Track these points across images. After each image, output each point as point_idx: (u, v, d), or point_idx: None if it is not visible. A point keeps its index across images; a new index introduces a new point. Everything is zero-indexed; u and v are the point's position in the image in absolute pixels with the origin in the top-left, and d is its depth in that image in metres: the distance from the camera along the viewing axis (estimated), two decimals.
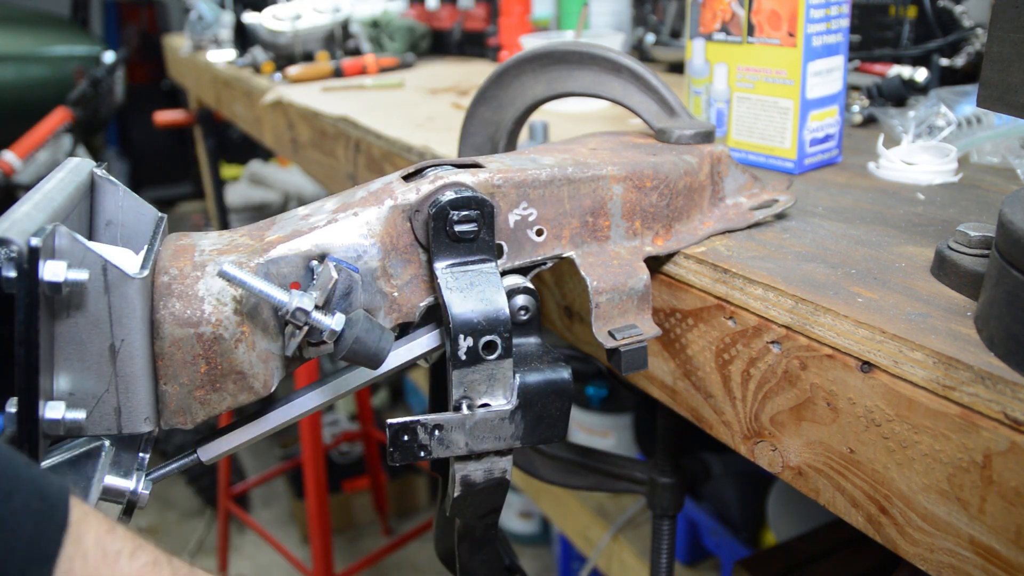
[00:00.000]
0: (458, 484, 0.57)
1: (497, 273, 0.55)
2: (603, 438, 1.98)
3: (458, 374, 0.53)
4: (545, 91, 0.75)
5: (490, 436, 0.55)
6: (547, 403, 0.55)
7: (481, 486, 0.58)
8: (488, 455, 0.56)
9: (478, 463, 0.57)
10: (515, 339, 0.57)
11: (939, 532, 0.46)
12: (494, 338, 0.53)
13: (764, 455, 0.58)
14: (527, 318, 0.58)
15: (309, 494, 1.97)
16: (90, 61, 3.73)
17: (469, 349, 0.52)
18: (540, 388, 0.55)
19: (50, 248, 0.42)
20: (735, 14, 0.83)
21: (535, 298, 0.58)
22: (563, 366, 0.56)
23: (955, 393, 0.44)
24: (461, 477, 0.57)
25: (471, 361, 0.53)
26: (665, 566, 1.03)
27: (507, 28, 1.65)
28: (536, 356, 0.57)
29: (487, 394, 0.54)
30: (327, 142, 1.33)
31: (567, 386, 0.56)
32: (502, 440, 0.55)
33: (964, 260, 0.53)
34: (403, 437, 0.53)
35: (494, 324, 0.53)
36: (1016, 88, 0.53)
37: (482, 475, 0.57)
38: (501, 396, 0.55)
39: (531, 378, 0.55)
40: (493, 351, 0.53)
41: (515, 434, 0.55)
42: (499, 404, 0.54)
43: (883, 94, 1.06)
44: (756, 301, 0.56)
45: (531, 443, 0.56)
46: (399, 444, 0.53)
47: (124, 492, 0.50)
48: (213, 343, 0.50)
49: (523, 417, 0.55)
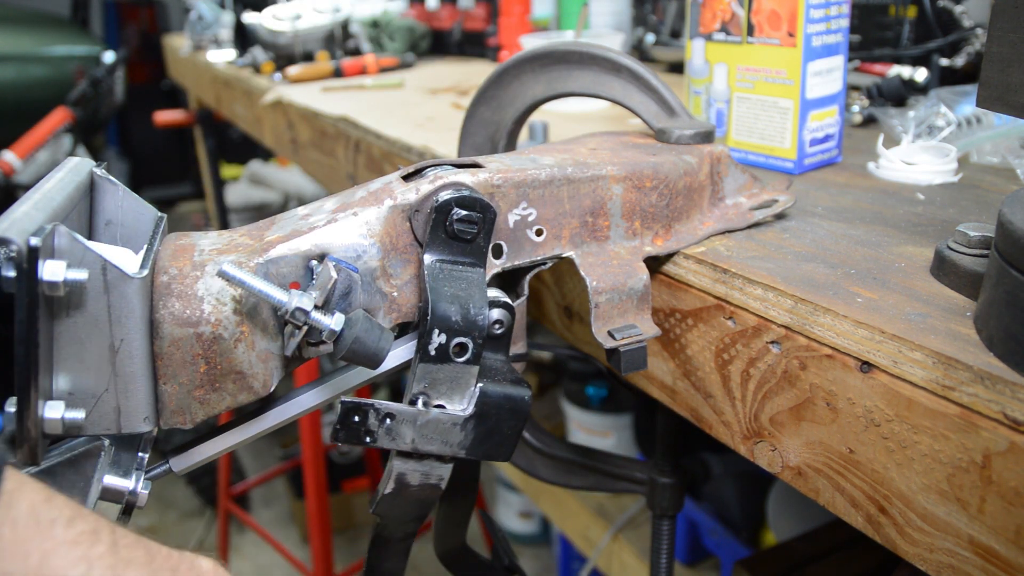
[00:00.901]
0: (392, 481, 0.56)
1: (484, 281, 0.55)
2: (603, 438, 1.98)
3: (423, 368, 0.52)
4: (545, 91, 0.75)
5: (438, 439, 0.54)
6: (501, 419, 0.55)
7: (414, 489, 0.56)
8: (430, 458, 0.55)
9: (418, 464, 0.56)
10: (484, 352, 0.56)
11: (938, 532, 0.46)
12: (467, 341, 0.52)
13: (764, 455, 0.58)
14: (500, 332, 0.57)
15: (309, 494, 1.97)
16: (90, 61, 3.73)
17: (440, 346, 0.52)
18: (498, 402, 0.54)
19: (50, 248, 0.42)
20: (735, 14, 0.83)
21: (512, 315, 0.57)
22: (525, 387, 0.55)
23: (954, 393, 0.44)
24: (397, 474, 0.56)
25: (439, 359, 0.52)
26: (665, 566, 1.03)
27: (507, 28, 1.65)
28: (500, 372, 0.56)
29: (446, 396, 0.53)
30: (327, 142, 1.33)
31: (525, 407, 0.55)
32: (448, 446, 0.54)
33: (964, 260, 0.53)
34: (353, 418, 0.52)
35: (470, 327, 0.52)
36: (1016, 88, 0.53)
37: (419, 477, 0.56)
38: (459, 401, 0.54)
39: (492, 390, 0.54)
40: (463, 354, 0.52)
41: (463, 443, 0.54)
42: (455, 408, 0.54)
43: (883, 94, 1.06)
44: (756, 301, 0.56)
45: (476, 456, 0.55)
46: (347, 424, 0.52)
47: (123, 492, 0.51)
48: (212, 343, 0.50)
49: (475, 427, 0.54)
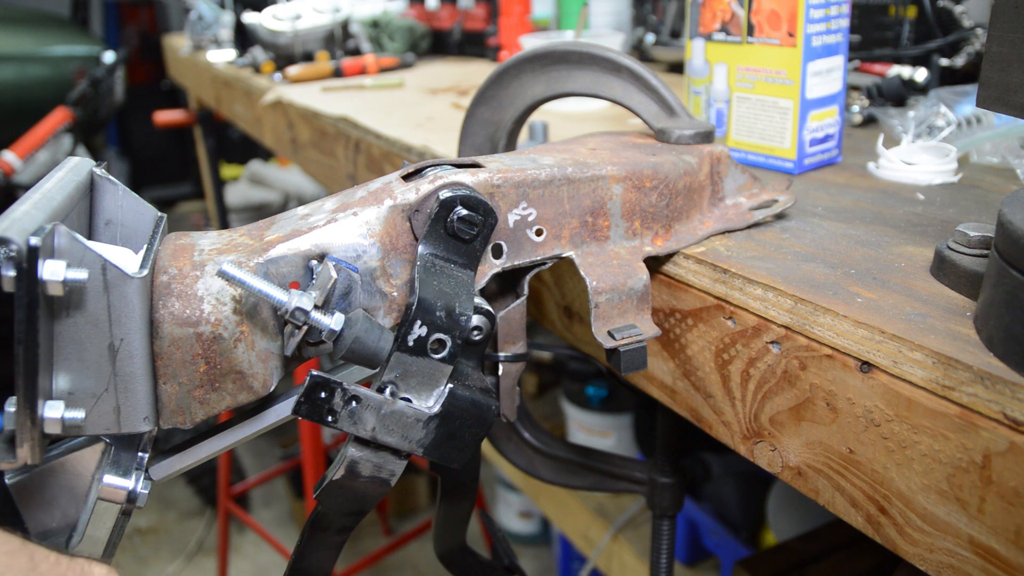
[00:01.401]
0: (343, 467, 0.55)
1: (473, 283, 0.55)
2: (603, 438, 1.98)
3: (398, 357, 0.52)
4: (545, 91, 0.75)
5: (398, 432, 0.53)
6: (465, 424, 0.54)
7: (364, 480, 0.56)
8: (386, 451, 0.55)
9: (373, 454, 0.55)
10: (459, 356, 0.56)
11: (938, 532, 0.46)
12: (446, 338, 0.52)
13: (764, 455, 0.57)
14: (478, 339, 0.57)
15: (309, 494, 1.97)
16: (90, 61, 3.73)
17: (420, 338, 0.51)
18: (465, 406, 0.54)
19: (49, 247, 0.42)
20: (735, 14, 0.83)
21: (492, 324, 0.57)
22: (493, 397, 0.55)
23: (954, 393, 0.44)
24: (350, 461, 0.55)
25: (416, 351, 0.52)
26: (665, 566, 1.03)
27: (507, 28, 1.65)
28: (471, 379, 0.56)
29: (415, 390, 0.53)
30: (327, 142, 1.33)
31: (490, 416, 0.55)
32: (407, 441, 0.54)
33: (963, 260, 0.53)
34: (319, 393, 0.51)
35: (452, 326, 0.52)
36: (1016, 88, 0.53)
37: (370, 468, 0.55)
38: (427, 398, 0.54)
39: (461, 393, 0.54)
40: (440, 350, 0.52)
41: (422, 440, 0.54)
42: (421, 404, 0.53)
43: (883, 94, 1.06)
44: (756, 301, 0.56)
45: (432, 457, 0.55)
46: (312, 399, 0.51)
47: (123, 491, 0.51)
48: (212, 342, 0.50)
49: (437, 427, 0.54)
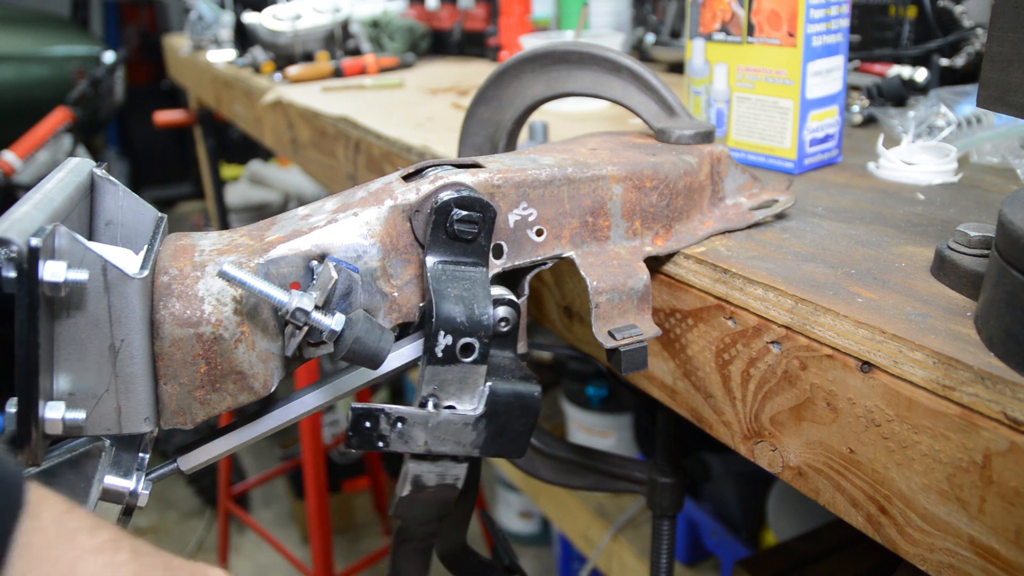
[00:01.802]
0: (409, 483, 0.56)
1: (487, 279, 0.55)
2: (603, 438, 1.98)
3: (431, 370, 0.52)
4: (545, 91, 0.75)
5: (450, 439, 0.54)
6: (512, 416, 0.55)
7: (431, 490, 0.57)
8: (444, 459, 0.56)
9: (433, 465, 0.56)
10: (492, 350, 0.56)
11: (939, 532, 0.46)
12: (473, 341, 0.52)
13: (764, 455, 0.58)
14: (507, 330, 0.57)
15: (309, 494, 1.97)
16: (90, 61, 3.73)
17: (447, 347, 0.52)
18: (508, 400, 0.54)
19: (50, 248, 0.42)
20: (735, 14, 0.83)
21: (517, 312, 0.57)
22: (534, 383, 0.55)
23: (955, 393, 0.44)
24: (414, 476, 0.56)
25: (447, 360, 0.52)
26: (665, 566, 1.03)
27: (507, 28, 1.65)
28: (509, 370, 0.56)
29: (455, 396, 0.53)
30: (327, 142, 1.33)
31: (535, 403, 0.55)
32: (461, 446, 0.54)
33: (964, 260, 0.53)
34: (365, 424, 0.52)
35: (476, 327, 0.52)
36: (1016, 88, 0.53)
37: (435, 479, 0.56)
38: (469, 401, 0.54)
39: (501, 388, 0.54)
40: (470, 354, 0.52)
41: (475, 442, 0.54)
42: (465, 408, 0.54)
43: (883, 94, 1.06)
44: (756, 301, 0.56)
45: (489, 454, 0.55)
46: (360, 430, 0.52)
47: (124, 492, 0.51)
48: (213, 343, 0.50)
49: (487, 426, 0.54)
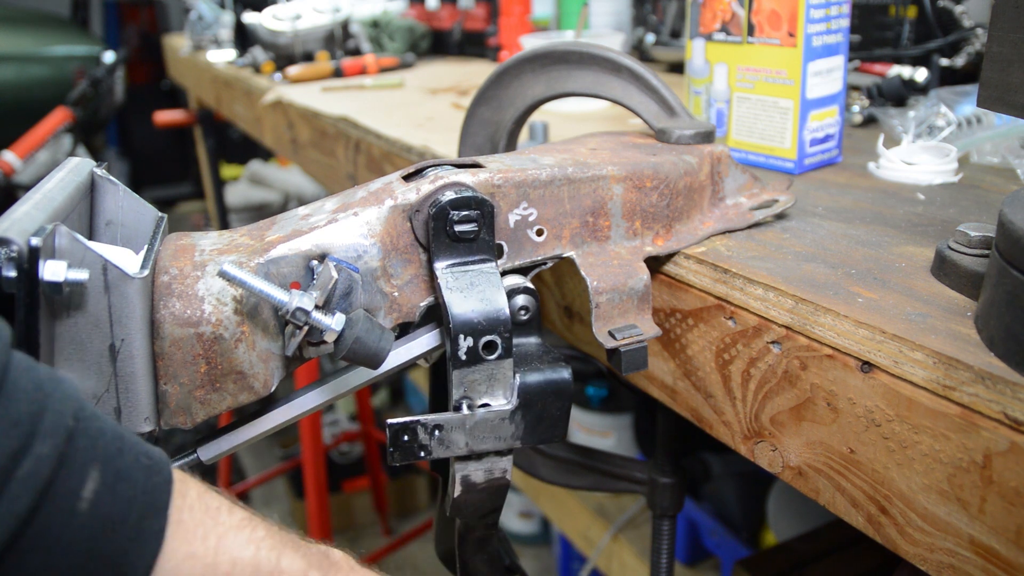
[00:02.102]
0: (459, 484, 0.57)
1: (497, 273, 0.55)
2: (603, 438, 1.98)
3: (458, 374, 0.53)
4: (545, 91, 0.75)
5: (490, 436, 0.55)
6: (547, 403, 0.55)
7: (482, 486, 0.57)
8: (488, 455, 0.56)
9: (478, 463, 0.56)
10: (515, 339, 0.57)
11: (939, 532, 0.46)
12: (494, 338, 0.53)
13: (764, 455, 0.58)
14: (527, 318, 0.58)
15: (309, 494, 1.97)
16: (90, 61, 3.73)
17: (469, 349, 0.52)
18: (540, 388, 0.55)
19: (50, 248, 0.42)
20: (735, 14, 0.83)
21: (535, 298, 0.58)
22: (563, 366, 0.56)
23: (955, 393, 0.44)
24: (462, 477, 0.57)
25: (471, 361, 0.53)
26: (665, 566, 1.03)
27: (507, 28, 1.65)
28: (536, 356, 0.57)
29: (487, 394, 0.54)
30: (327, 142, 1.33)
31: (567, 386, 0.56)
32: (502, 440, 0.55)
33: (964, 260, 0.53)
34: (403, 437, 0.53)
35: (494, 324, 0.52)
36: (1016, 88, 0.53)
37: (483, 475, 0.57)
38: (501, 396, 0.54)
39: (531, 378, 0.55)
40: (493, 351, 0.53)
41: (515, 434, 0.55)
42: (499, 404, 0.54)
43: (883, 94, 1.06)
44: (756, 301, 0.56)
45: (531, 443, 0.56)
46: (399, 444, 0.53)
47: None
48: (213, 343, 0.50)
49: (523, 417, 0.55)
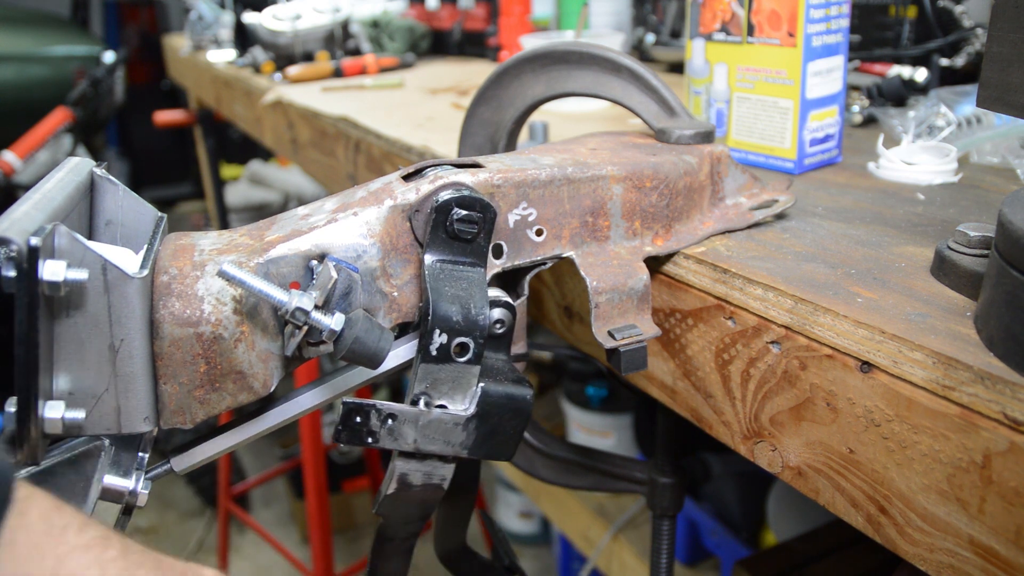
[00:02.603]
0: (394, 481, 0.56)
1: (485, 281, 0.55)
2: (603, 438, 1.98)
3: (424, 368, 0.52)
4: (545, 91, 0.75)
5: (440, 439, 0.54)
6: (504, 418, 0.55)
7: (417, 489, 0.57)
8: (432, 459, 0.56)
9: (420, 464, 0.56)
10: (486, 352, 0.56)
11: (939, 532, 0.46)
12: (468, 341, 0.52)
13: (764, 455, 0.58)
14: (501, 332, 0.57)
15: (309, 494, 1.97)
16: (90, 61, 3.73)
17: (442, 346, 0.52)
18: (500, 401, 0.54)
19: (50, 248, 0.42)
20: (735, 14, 0.83)
21: (513, 315, 0.57)
22: (527, 386, 0.55)
23: (955, 393, 0.44)
24: (400, 475, 0.56)
25: (440, 359, 0.52)
26: (665, 566, 1.03)
27: (507, 28, 1.65)
28: (502, 372, 0.56)
29: (447, 396, 0.54)
30: (327, 142, 1.33)
31: (527, 406, 0.55)
32: (450, 446, 0.54)
33: (964, 260, 0.53)
34: (355, 419, 0.52)
35: (472, 327, 0.52)
36: (1016, 88, 0.53)
37: (421, 478, 0.56)
38: (461, 401, 0.54)
39: (493, 389, 0.54)
40: (464, 353, 0.52)
41: (464, 443, 0.54)
42: (457, 408, 0.54)
43: (883, 94, 1.06)
44: (756, 301, 0.56)
45: (478, 456, 0.55)
46: (349, 424, 0.52)
47: (123, 492, 0.51)
48: (212, 343, 0.50)
49: (477, 427, 0.54)
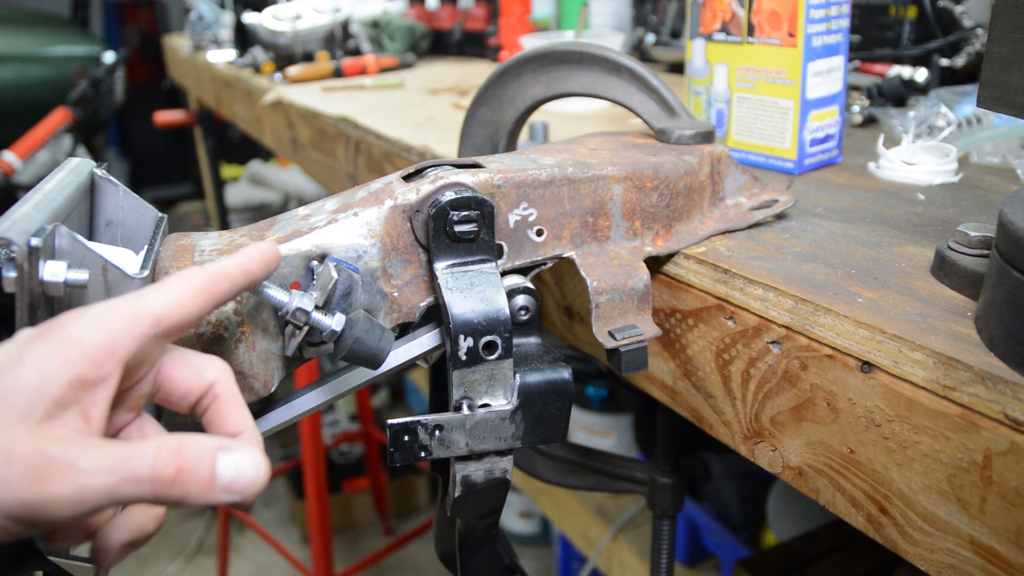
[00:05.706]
0: (459, 484, 0.57)
1: (497, 273, 0.55)
2: (603, 438, 1.98)
3: (458, 374, 0.53)
4: (545, 91, 0.75)
5: (490, 436, 0.55)
6: (547, 403, 0.55)
7: (482, 486, 0.58)
8: (489, 455, 0.56)
9: (479, 463, 0.57)
10: (515, 339, 0.57)
11: (939, 532, 0.46)
12: (494, 338, 0.53)
13: (764, 455, 0.58)
14: (527, 318, 0.58)
15: (309, 494, 1.97)
16: (90, 61, 3.73)
17: (469, 349, 0.52)
18: (540, 388, 0.55)
19: (50, 248, 0.42)
20: (735, 14, 0.83)
21: (535, 298, 0.58)
22: (563, 366, 0.56)
23: (955, 393, 0.44)
24: (462, 477, 0.57)
25: (471, 361, 0.53)
26: (665, 566, 1.03)
27: (507, 28, 1.65)
28: (536, 356, 0.57)
29: (487, 394, 0.54)
30: (327, 142, 1.33)
31: (567, 386, 0.56)
32: (503, 440, 0.55)
33: (964, 260, 0.53)
34: (404, 438, 0.53)
35: (494, 324, 0.53)
36: (1016, 88, 0.53)
37: (483, 475, 0.57)
38: (501, 396, 0.55)
39: (531, 378, 0.55)
40: (493, 351, 0.53)
41: (515, 434, 0.55)
42: (499, 404, 0.55)
43: (883, 94, 1.06)
44: (756, 301, 0.56)
45: (532, 443, 0.56)
46: (400, 444, 0.53)
47: None
48: (213, 343, 0.50)
49: (523, 417, 0.55)
